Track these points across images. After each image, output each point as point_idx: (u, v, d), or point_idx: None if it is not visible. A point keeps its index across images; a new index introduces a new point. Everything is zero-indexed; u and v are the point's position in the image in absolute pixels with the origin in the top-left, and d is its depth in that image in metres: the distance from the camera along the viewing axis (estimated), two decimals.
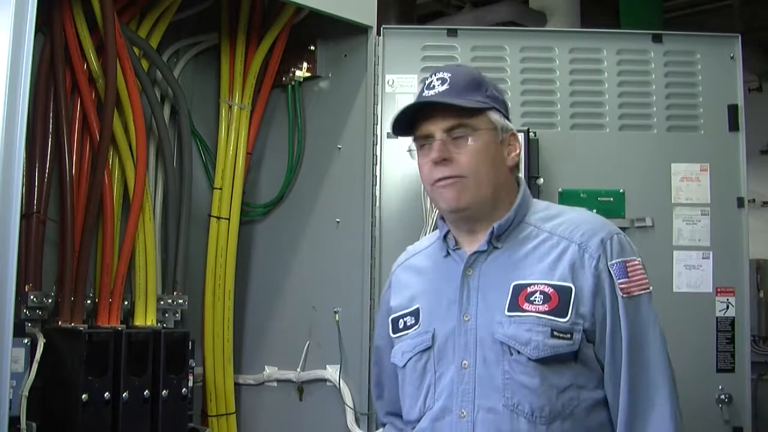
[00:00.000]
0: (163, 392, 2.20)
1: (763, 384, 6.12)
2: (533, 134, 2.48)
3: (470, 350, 1.57)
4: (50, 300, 2.19)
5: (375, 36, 2.54)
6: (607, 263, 1.54)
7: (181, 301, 2.51)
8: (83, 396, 2.03)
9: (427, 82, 1.64)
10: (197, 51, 2.73)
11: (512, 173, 1.66)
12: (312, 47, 2.68)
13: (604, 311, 1.53)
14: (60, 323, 2.18)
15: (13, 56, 1.73)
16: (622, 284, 1.54)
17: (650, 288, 1.57)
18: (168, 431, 2.20)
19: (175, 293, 2.51)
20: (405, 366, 1.67)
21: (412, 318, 1.69)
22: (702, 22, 7.92)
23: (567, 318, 1.51)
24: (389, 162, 2.52)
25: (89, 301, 2.29)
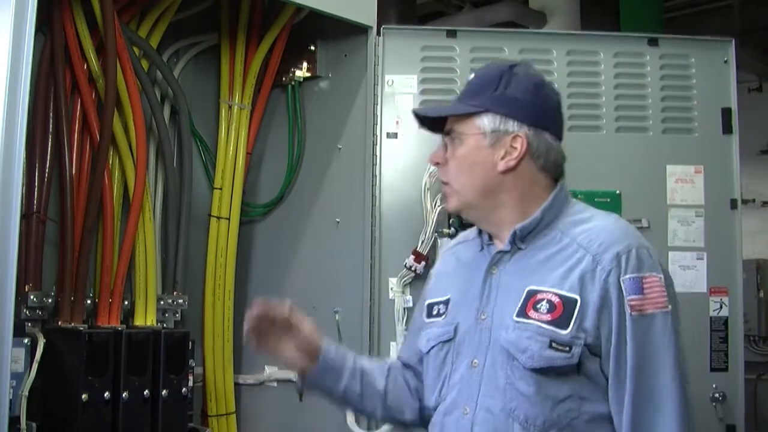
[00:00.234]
0: (163, 392, 2.20)
1: (763, 384, 6.12)
2: None
3: (482, 349, 1.56)
4: (50, 300, 2.19)
5: (375, 36, 2.54)
6: (620, 278, 1.48)
7: (181, 301, 2.52)
8: (83, 396, 2.03)
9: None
10: (197, 51, 2.73)
11: (513, 176, 1.58)
12: (312, 47, 2.68)
13: (610, 327, 1.48)
14: (60, 323, 2.19)
15: (13, 56, 1.73)
16: (633, 301, 1.47)
17: (669, 307, 1.49)
18: (168, 431, 2.20)
19: (175, 293, 2.51)
20: (428, 353, 1.67)
21: (444, 307, 1.69)
22: (702, 22, 7.92)
23: (568, 330, 1.47)
24: (389, 162, 2.52)
25: (89, 301, 2.29)
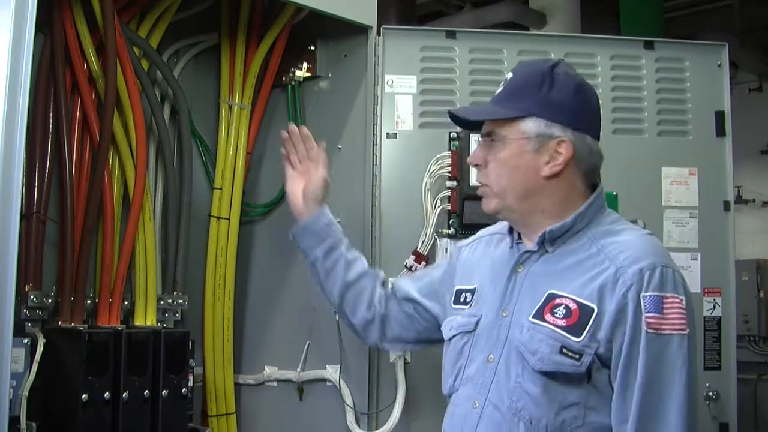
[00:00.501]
0: (163, 392, 2.20)
1: (763, 384, 6.13)
2: None
3: (499, 346, 1.57)
4: (50, 300, 2.19)
5: (375, 36, 2.54)
6: (640, 294, 1.47)
7: (181, 301, 2.51)
8: (83, 396, 2.03)
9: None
10: (197, 51, 2.72)
11: (556, 181, 1.58)
12: (312, 47, 2.68)
13: (622, 342, 1.47)
14: (60, 323, 2.18)
15: (13, 56, 1.73)
16: (651, 318, 1.46)
17: (687, 330, 1.48)
18: (168, 431, 2.20)
19: (175, 293, 2.50)
20: (450, 340, 1.69)
21: (470, 295, 1.70)
22: (702, 22, 7.91)
23: (580, 338, 1.48)
24: (389, 162, 2.52)
25: (89, 301, 2.29)
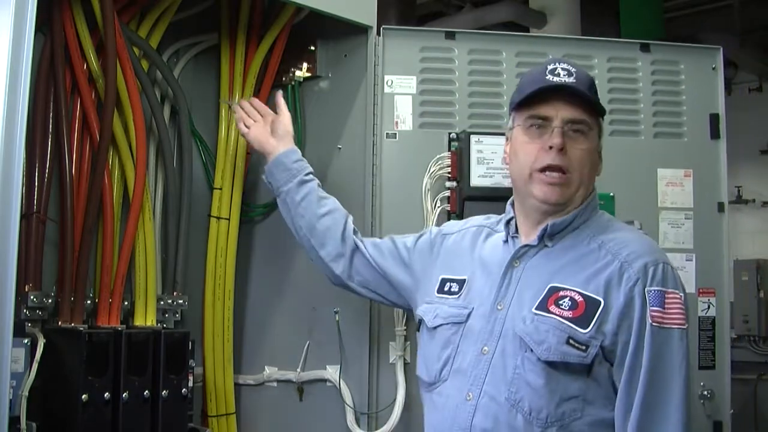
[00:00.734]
0: (163, 392, 2.19)
1: (763, 384, 6.13)
2: None
3: (494, 338, 1.59)
4: (50, 300, 2.19)
5: (375, 36, 2.54)
6: (645, 288, 1.51)
7: (181, 301, 2.51)
8: (83, 396, 2.03)
9: (550, 68, 1.62)
10: (197, 51, 2.72)
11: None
12: (312, 47, 2.67)
13: (629, 335, 1.51)
14: (60, 323, 2.18)
15: (13, 56, 1.72)
16: (655, 312, 1.50)
17: (686, 325, 1.53)
18: (168, 431, 2.20)
19: (175, 293, 2.50)
20: (435, 329, 1.69)
21: (458, 286, 1.71)
22: (702, 22, 7.92)
23: (587, 330, 1.50)
24: (389, 162, 2.52)
25: (89, 301, 2.29)
